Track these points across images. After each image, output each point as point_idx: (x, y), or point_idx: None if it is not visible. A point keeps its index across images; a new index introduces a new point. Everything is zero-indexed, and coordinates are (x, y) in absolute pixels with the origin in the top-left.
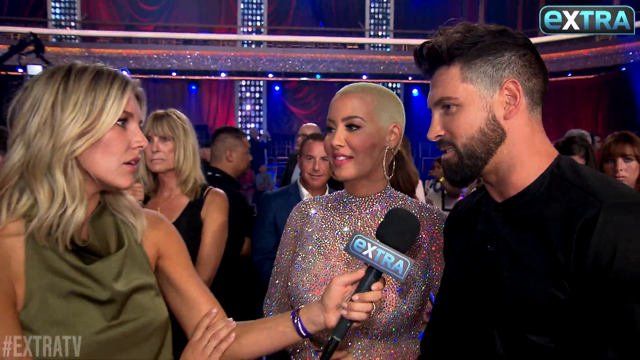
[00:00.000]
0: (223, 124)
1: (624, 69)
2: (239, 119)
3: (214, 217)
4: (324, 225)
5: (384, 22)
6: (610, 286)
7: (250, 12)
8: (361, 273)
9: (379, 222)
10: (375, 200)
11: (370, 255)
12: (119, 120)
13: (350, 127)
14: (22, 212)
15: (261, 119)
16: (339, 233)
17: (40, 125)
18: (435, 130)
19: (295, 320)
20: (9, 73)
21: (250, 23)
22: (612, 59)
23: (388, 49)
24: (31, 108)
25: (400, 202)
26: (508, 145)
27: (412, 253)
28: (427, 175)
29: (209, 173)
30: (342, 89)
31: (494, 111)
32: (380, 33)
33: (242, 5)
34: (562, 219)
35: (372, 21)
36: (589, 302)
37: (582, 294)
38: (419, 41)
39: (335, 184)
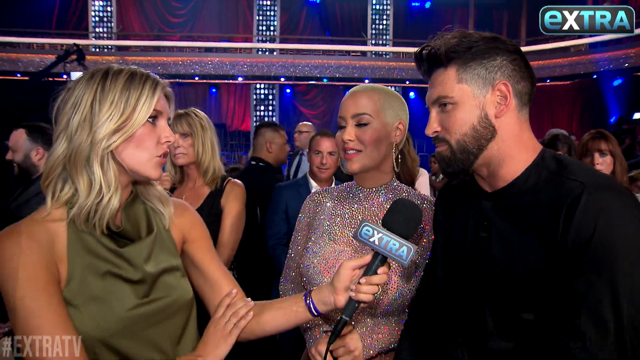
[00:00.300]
0: (240, 123)
1: (595, 76)
2: (254, 118)
3: (233, 205)
4: (334, 214)
5: (384, 32)
6: (588, 259)
7: (264, 23)
8: (368, 258)
9: (385, 211)
10: (381, 191)
11: (376, 242)
12: (149, 117)
13: (359, 123)
14: (64, 200)
15: (274, 118)
16: (348, 221)
17: (81, 122)
18: (433, 127)
19: (308, 301)
20: (55, 79)
21: (264, 33)
22: (585, 68)
23: (387, 56)
24: (73, 106)
25: (404, 194)
26: (498, 141)
27: (414, 240)
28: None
29: (253, 162)
30: (352, 89)
31: (486, 110)
32: (380, 42)
33: (257, 17)
34: (550, 204)
35: (373, 31)
36: (569, 274)
37: (564, 267)
38: (415, 49)
39: (340, 177)
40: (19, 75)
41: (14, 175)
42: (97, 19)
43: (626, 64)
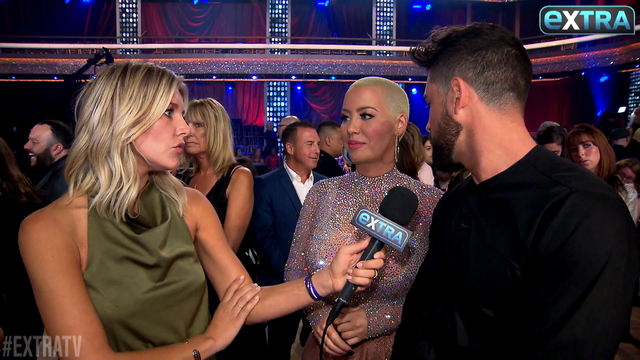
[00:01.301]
0: (255, 119)
1: (583, 73)
2: (267, 114)
3: (238, 192)
4: (338, 202)
5: (388, 32)
6: (557, 267)
7: (276, 25)
8: (365, 243)
9: None
10: (383, 180)
11: (373, 227)
12: (166, 110)
13: (364, 116)
14: (86, 189)
15: (285, 114)
16: (352, 208)
17: (102, 116)
18: (428, 125)
19: (308, 285)
20: (87, 81)
21: (276, 34)
22: (574, 65)
23: (391, 55)
24: (94, 101)
25: (404, 182)
26: (468, 134)
27: (412, 227)
28: None
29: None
30: (356, 82)
31: (447, 106)
32: (384, 42)
33: (269, 20)
34: (531, 204)
35: (377, 32)
36: (534, 277)
37: (532, 270)
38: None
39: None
40: (55, 77)
41: (30, 166)
42: (124, 25)
43: (612, 62)
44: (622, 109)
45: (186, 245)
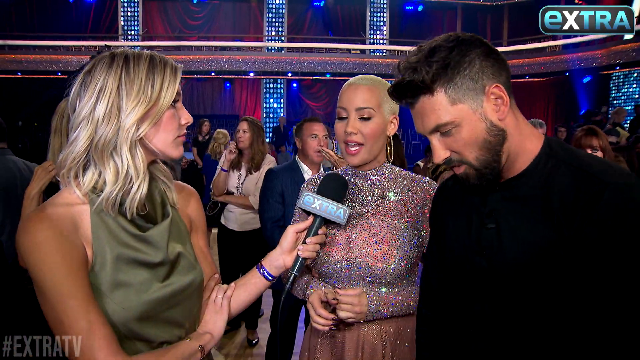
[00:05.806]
0: (252, 114)
1: (567, 74)
2: (264, 110)
3: None
4: None
5: (381, 32)
6: (606, 256)
7: (273, 24)
8: (309, 222)
9: (379, 188)
10: (375, 172)
11: (317, 207)
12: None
13: (362, 117)
14: (91, 186)
15: (282, 110)
16: (345, 199)
17: (107, 110)
18: (441, 155)
19: (261, 271)
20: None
21: (273, 33)
22: (559, 66)
23: (384, 54)
24: (97, 92)
25: (396, 173)
26: (509, 140)
27: (408, 215)
28: (416, 159)
29: None
30: (351, 79)
31: (490, 118)
32: (378, 41)
33: (266, 19)
34: (565, 196)
35: (371, 31)
36: (586, 271)
37: (580, 263)
38: (409, 47)
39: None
40: (59, 74)
41: None
42: (125, 23)
43: (594, 64)
44: (603, 109)
45: (187, 241)
